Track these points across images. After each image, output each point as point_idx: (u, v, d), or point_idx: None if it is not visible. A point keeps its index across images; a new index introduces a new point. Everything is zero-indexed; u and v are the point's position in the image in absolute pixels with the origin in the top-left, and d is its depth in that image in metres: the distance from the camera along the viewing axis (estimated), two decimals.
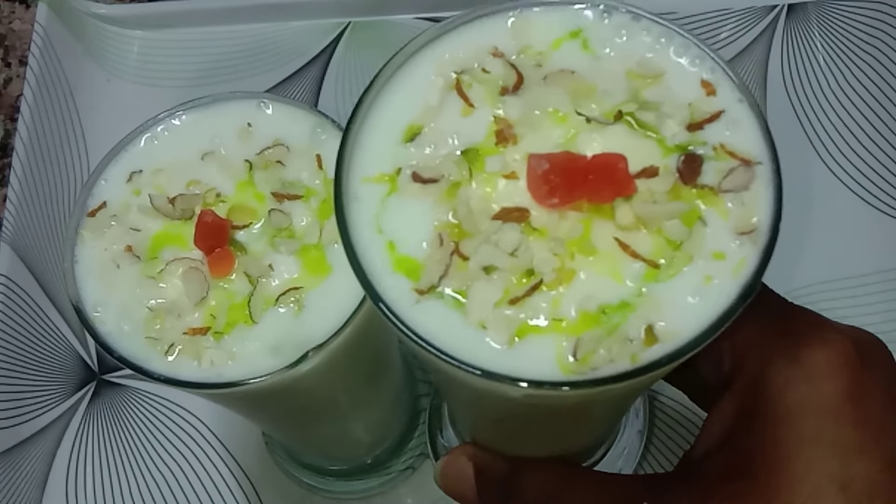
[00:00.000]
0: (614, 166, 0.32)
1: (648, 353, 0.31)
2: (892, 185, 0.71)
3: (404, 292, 0.33)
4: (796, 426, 0.35)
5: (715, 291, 0.32)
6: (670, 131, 0.34)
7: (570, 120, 0.35)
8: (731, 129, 0.34)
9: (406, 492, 0.64)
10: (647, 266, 0.32)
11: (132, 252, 0.44)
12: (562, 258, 0.32)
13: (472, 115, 0.36)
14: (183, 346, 0.41)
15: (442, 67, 0.36)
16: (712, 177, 0.34)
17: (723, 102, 0.35)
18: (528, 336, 0.32)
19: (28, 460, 0.67)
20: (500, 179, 0.34)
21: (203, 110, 0.47)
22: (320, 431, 0.57)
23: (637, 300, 0.32)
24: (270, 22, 0.83)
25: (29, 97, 0.75)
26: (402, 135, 0.35)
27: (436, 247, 0.33)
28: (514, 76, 0.36)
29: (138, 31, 0.84)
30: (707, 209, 0.33)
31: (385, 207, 0.34)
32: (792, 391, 0.35)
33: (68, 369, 0.70)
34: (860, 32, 0.77)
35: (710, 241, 0.33)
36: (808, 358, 0.35)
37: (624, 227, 0.33)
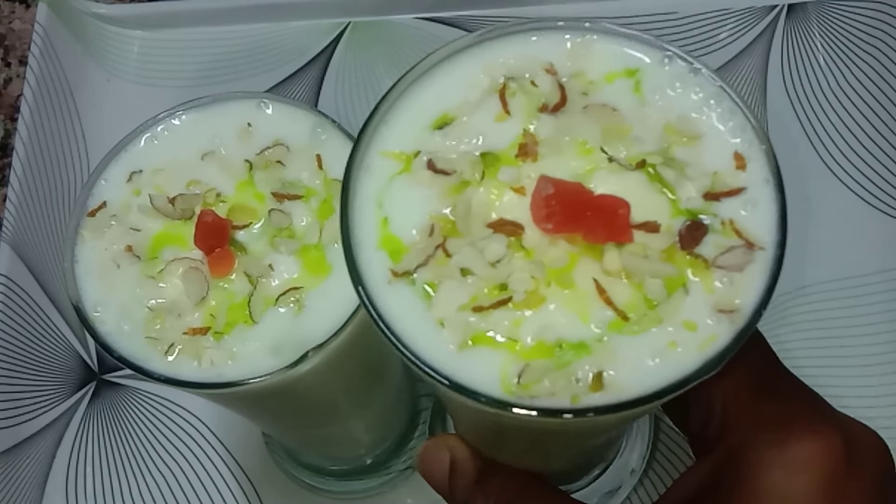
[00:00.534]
0: (614, 210, 0.33)
1: (589, 399, 0.31)
2: (892, 185, 0.71)
3: (381, 270, 0.33)
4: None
5: (676, 359, 0.31)
6: (686, 194, 0.34)
7: (593, 155, 0.35)
8: (747, 208, 0.34)
9: (406, 492, 0.64)
10: (617, 316, 0.32)
11: (132, 252, 0.44)
12: (537, 283, 0.33)
13: (506, 122, 0.36)
14: (183, 346, 0.41)
15: (492, 69, 0.37)
16: (710, 249, 0.33)
17: (749, 180, 0.34)
18: (481, 347, 0.32)
19: (28, 460, 0.67)
20: (507, 190, 0.35)
21: (203, 110, 0.47)
22: (320, 431, 0.57)
23: (596, 345, 0.32)
24: (270, 22, 0.83)
25: (29, 97, 0.75)
26: (432, 121, 0.36)
27: (425, 235, 0.34)
28: (559, 97, 0.36)
29: (138, 31, 0.84)
30: (694, 279, 0.33)
31: (391, 184, 0.35)
32: (766, 474, 0.34)
33: (68, 369, 0.70)
34: (860, 32, 0.77)
35: (687, 310, 0.32)
36: (792, 446, 0.34)
37: (607, 272, 0.33)
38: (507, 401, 0.31)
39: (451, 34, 0.80)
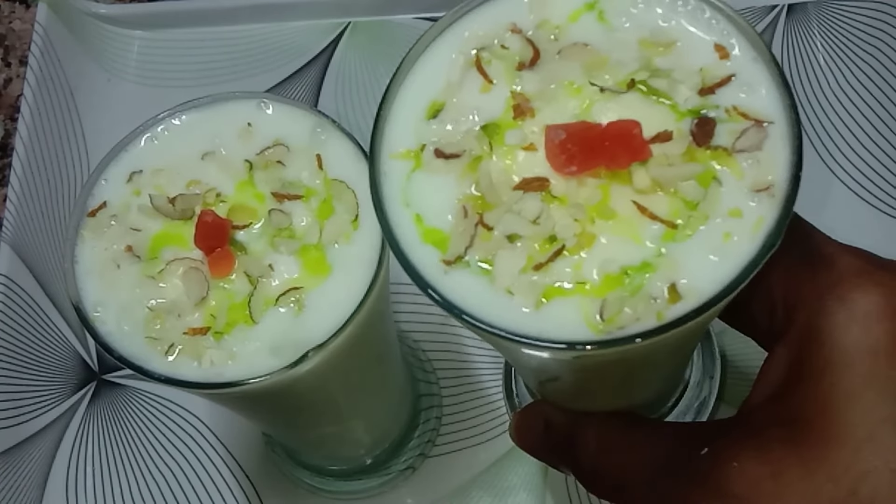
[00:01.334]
0: (629, 132, 0.34)
1: (673, 311, 0.32)
2: (892, 185, 0.71)
3: (434, 262, 0.34)
4: (849, 370, 0.34)
5: (734, 248, 0.33)
6: (682, 96, 0.35)
7: (584, 91, 0.36)
8: (744, 91, 0.35)
9: (406, 492, 0.64)
10: (666, 227, 0.34)
11: (132, 252, 0.44)
12: (582, 223, 0.34)
13: (491, 90, 0.37)
14: (183, 346, 0.41)
15: (463, 45, 0.38)
16: (725, 138, 0.34)
17: (736, 66, 0.36)
18: (555, 299, 0.33)
19: (28, 460, 0.67)
20: (519, 151, 0.36)
21: (203, 110, 0.47)
22: (320, 431, 0.57)
23: (658, 260, 0.33)
24: (270, 22, 0.83)
25: (29, 97, 0.75)
26: (425, 112, 0.37)
27: (460, 218, 0.35)
28: (531, 51, 0.37)
29: (138, 31, 0.84)
30: (722, 169, 0.34)
31: (410, 182, 0.36)
32: (843, 336, 0.35)
33: (68, 369, 0.70)
34: (860, 32, 0.77)
35: (727, 199, 0.34)
36: (859, 301, 0.35)
37: (641, 191, 0.34)
38: (603, 339, 0.32)
39: None
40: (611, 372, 0.40)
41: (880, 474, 0.33)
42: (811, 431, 0.35)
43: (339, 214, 0.44)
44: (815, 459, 0.34)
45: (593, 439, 0.42)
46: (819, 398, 0.35)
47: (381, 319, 0.48)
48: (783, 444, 0.35)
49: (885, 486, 0.33)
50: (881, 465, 0.33)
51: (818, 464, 0.34)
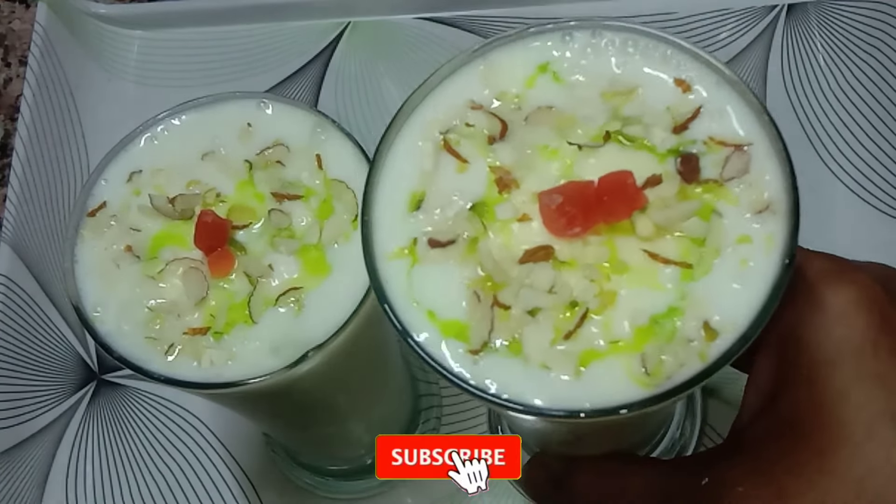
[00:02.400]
0: (623, 183, 0.33)
1: (715, 348, 0.32)
2: (892, 185, 0.71)
3: (460, 356, 0.33)
4: (835, 370, 0.34)
5: (754, 272, 0.33)
6: (658, 138, 0.35)
7: (562, 151, 0.36)
8: (715, 120, 0.36)
9: (406, 492, 0.64)
10: (681, 268, 0.33)
11: (132, 252, 0.44)
12: (598, 282, 0.33)
13: (468, 170, 0.36)
14: (183, 346, 0.41)
15: (426, 131, 0.37)
16: (712, 170, 0.35)
17: (700, 96, 0.36)
18: (593, 363, 0.33)
19: (28, 460, 0.67)
20: (514, 224, 0.35)
21: (203, 110, 0.47)
22: (320, 431, 0.57)
23: (683, 303, 0.33)
24: (270, 22, 0.83)
25: (29, 97, 0.75)
26: (406, 205, 0.36)
27: (475, 304, 0.34)
28: (498, 124, 0.37)
29: (138, 31, 0.84)
30: (717, 201, 0.34)
31: (412, 279, 0.35)
32: (824, 337, 0.34)
33: (68, 369, 0.70)
34: (860, 32, 0.77)
35: (731, 228, 0.34)
36: (835, 300, 0.34)
37: (647, 238, 0.34)
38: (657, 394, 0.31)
39: (451, 34, 0.80)
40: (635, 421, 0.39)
41: (883, 471, 0.33)
42: (807, 439, 0.34)
43: (338, 214, 0.44)
44: (817, 470, 0.33)
45: (588, 485, 0.41)
46: (809, 403, 0.34)
47: (381, 319, 0.48)
48: (781, 459, 0.35)
49: (891, 482, 0.33)
50: (883, 462, 0.33)
51: (820, 474, 0.33)
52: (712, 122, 0.36)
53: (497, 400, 0.32)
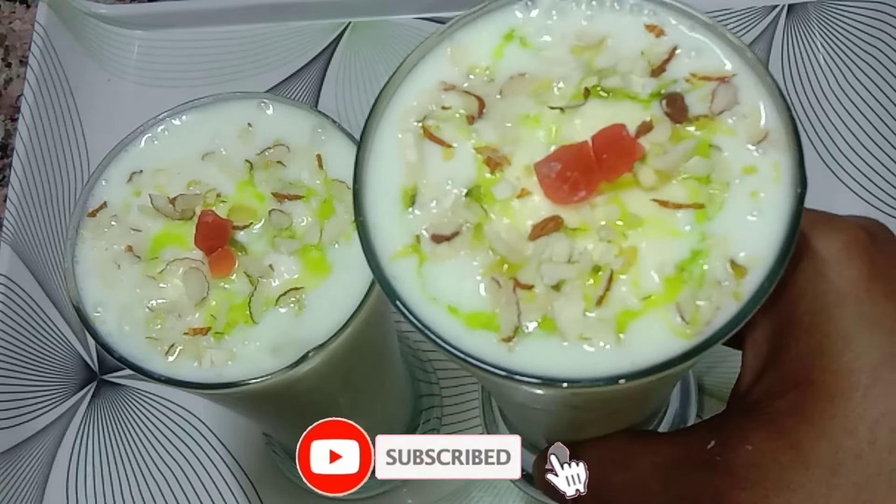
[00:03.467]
0: (619, 136, 0.32)
1: (746, 285, 0.31)
2: (892, 185, 0.71)
3: (493, 346, 0.32)
4: (835, 316, 0.34)
5: (768, 202, 0.32)
6: (638, 85, 0.34)
7: (544, 117, 0.35)
8: (692, 56, 0.35)
9: (406, 492, 0.64)
10: (694, 209, 0.33)
11: (132, 252, 0.44)
12: (616, 242, 0.32)
13: (455, 155, 0.35)
14: (183, 346, 0.41)
15: (403, 122, 0.36)
16: (700, 106, 0.34)
17: (674, 38, 0.35)
18: (630, 324, 0.32)
19: (28, 460, 0.67)
20: (514, 202, 0.34)
21: (203, 110, 0.47)
22: None
23: (704, 244, 0.32)
24: (270, 22, 0.83)
25: (29, 97, 0.75)
26: (400, 202, 0.35)
27: (496, 291, 0.32)
28: (474, 101, 0.36)
29: (138, 31, 0.84)
30: (713, 135, 0.33)
31: (424, 277, 0.33)
32: (820, 285, 0.34)
33: (68, 369, 0.70)
34: (860, 32, 0.77)
35: (734, 161, 0.33)
36: (826, 249, 0.34)
37: (652, 187, 0.33)
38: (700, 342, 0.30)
39: None
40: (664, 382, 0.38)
41: (894, 415, 0.32)
42: (814, 390, 0.34)
43: (339, 214, 0.44)
44: (827, 418, 0.33)
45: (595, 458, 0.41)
46: (812, 354, 0.34)
47: (382, 319, 0.48)
48: (790, 413, 0.34)
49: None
50: (892, 406, 0.32)
51: (831, 422, 0.33)
52: (690, 59, 0.35)
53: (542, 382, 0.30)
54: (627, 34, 0.36)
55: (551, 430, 0.45)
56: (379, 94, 0.36)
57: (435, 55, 0.37)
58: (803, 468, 0.33)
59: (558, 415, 0.43)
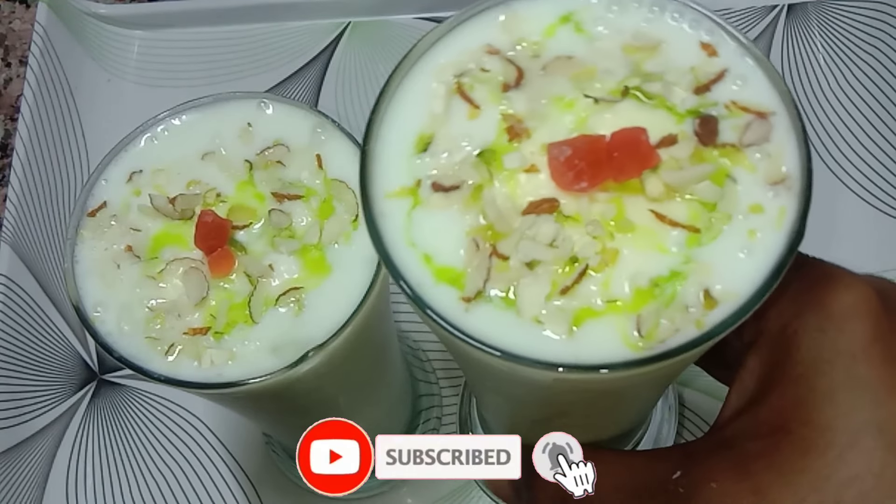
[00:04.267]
0: (637, 139, 0.32)
1: (712, 317, 0.31)
2: (892, 185, 0.71)
3: (452, 302, 0.32)
4: (826, 372, 0.33)
5: (761, 244, 0.32)
6: (678, 98, 0.34)
7: (577, 104, 0.35)
8: (739, 84, 0.35)
9: (406, 492, 0.64)
10: (688, 232, 0.32)
11: (132, 252, 0.44)
12: (602, 240, 0.32)
13: (480, 116, 0.35)
14: (183, 346, 0.41)
15: (440, 74, 0.36)
16: (731, 134, 0.34)
17: (726, 61, 0.35)
18: (586, 322, 0.32)
19: (28, 460, 0.67)
20: (521, 175, 0.34)
21: (203, 110, 0.47)
22: None
23: (686, 267, 0.32)
24: (270, 22, 0.83)
25: (29, 97, 0.75)
26: (414, 146, 0.35)
27: (472, 252, 0.33)
28: (514, 71, 0.36)
29: (138, 31, 0.84)
30: (734, 166, 0.33)
31: (412, 221, 0.34)
32: (818, 338, 0.34)
33: (68, 369, 0.70)
34: (860, 32, 0.77)
35: (745, 196, 0.33)
36: (832, 304, 0.34)
37: (656, 199, 0.33)
38: (651, 355, 0.30)
39: None
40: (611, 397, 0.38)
41: (864, 481, 0.32)
42: (789, 440, 0.33)
43: (339, 214, 0.44)
44: (796, 471, 0.33)
45: None
46: (795, 404, 0.34)
47: (381, 319, 0.48)
48: (761, 457, 0.34)
49: (871, 493, 0.32)
50: (864, 471, 0.32)
51: (800, 475, 0.33)
52: (735, 86, 0.35)
53: (485, 347, 0.31)
54: (682, 46, 0.36)
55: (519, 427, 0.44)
56: (420, 40, 0.36)
57: (487, 18, 0.37)
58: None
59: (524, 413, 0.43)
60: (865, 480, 0.32)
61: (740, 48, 0.35)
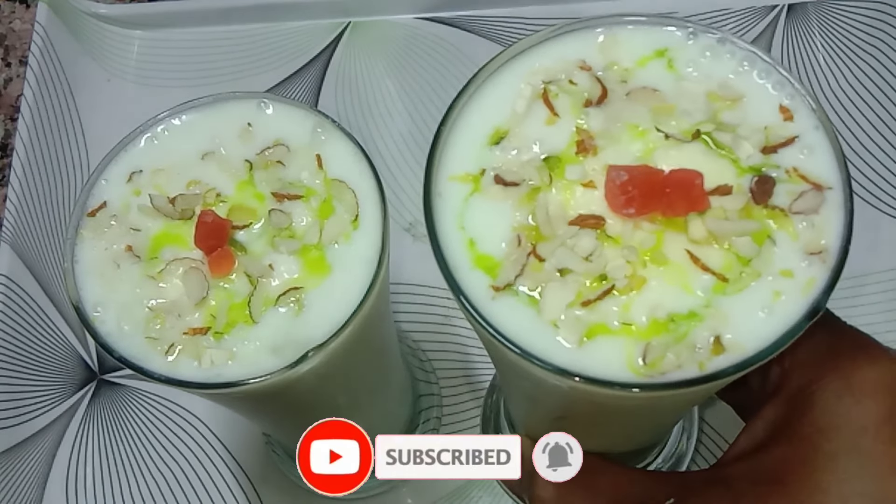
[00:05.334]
0: (691, 182, 0.34)
1: (715, 362, 0.32)
2: (892, 185, 0.71)
3: (482, 288, 0.35)
4: (834, 438, 0.34)
5: (782, 307, 0.33)
6: (745, 153, 0.36)
7: (649, 135, 0.37)
8: (805, 153, 0.36)
9: (406, 492, 0.64)
10: (717, 279, 0.34)
11: (132, 252, 0.44)
12: (634, 266, 0.34)
13: (556, 124, 0.38)
14: (183, 346, 0.41)
15: (531, 76, 0.38)
16: (784, 199, 0.35)
17: (799, 128, 0.36)
18: (598, 337, 0.33)
19: (28, 460, 0.67)
20: (578, 187, 0.36)
21: (203, 110, 0.47)
22: None
23: (705, 311, 0.33)
24: (270, 22, 0.83)
25: (29, 97, 0.75)
26: (488, 138, 0.37)
27: (514, 247, 0.35)
28: (600, 90, 0.38)
29: (138, 31, 0.84)
30: (777, 229, 0.35)
31: (468, 206, 0.36)
32: (835, 404, 0.35)
33: (68, 369, 0.70)
34: (860, 32, 0.77)
35: (779, 259, 0.34)
36: (855, 375, 0.35)
37: (696, 241, 0.34)
38: (647, 383, 0.32)
39: (451, 34, 0.80)
40: (623, 414, 0.40)
41: None
42: (785, 493, 0.35)
43: (339, 214, 0.44)
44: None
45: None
46: (798, 461, 0.35)
47: (381, 319, 0.48)
48: (754, 502, 0.35)
49: None
50: None
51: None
52: (802, 154, 0.36)
53: (498, 336, 0.33)
54: (762, 105, 0.37)
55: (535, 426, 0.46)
56: (519, 41, 0.39)
57: (587, 35, 0.39)
58: None
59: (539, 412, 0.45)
60: None
61: (815, 119, 0.36)
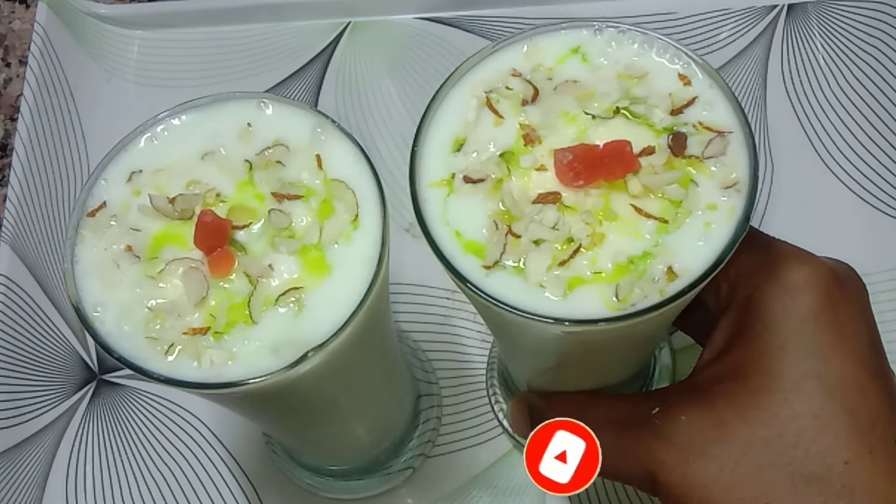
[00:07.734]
0: (622, 150, 0.42)
1: (672, 287, 0.40)
2: (892, 185, 0.71)
3: (476, 269, 0.42)
4: (779, 332, 0.42)
5: (714, 233, 0.41)
6: (658, 118, 0.44)
7: (579, 119, 0.44)
8: (706, 109, 0.44)
9: (406, 492, 0.65)
10: (659, 223, 0.41)
11: (132, 252, 0.44)
12: (592, 226, 0.41)
13: (503, 124, 0.45)
14: (183, 346, 0.41)
15: (474, 89, 0.46)
16: (696, 148, 0.43)
17: (697, 90, 0.45)
18: (577, 288, 0.41)
19: (28, 460, 0.67)
20: (532, 172, 0.43)
21: (203, 110, 0.47)
22: (320, 431, 0.57)
23: (655, 249, 0.41)
24: (270, 22, 0.83)
25: (29, 97, 0.75)
26: (451, 146, 0.45)
27: (493, 231, 0.42)
28: (532, 90, 0.45)
29: (138, 31, 0.84)
30: (696, 174, 0.42)
31: (447, 205, 0.43)
32: (775, 304, 0.42)
33: (68, 369, 0.70)
34: (860, 32, 0.77)
35: (704, 197, 0.42)
36: (788, 276, 0.42)
37: (636, 196, 0.42)
38: (623, 314, 0.39)
39: (451, 34, 0.80)
40: (610, 347, 0.47)
41: (804, 419, 0.40)
42: (747, 385, 0.42)
43: (339, 214, 0.44)
44: (751, 408, 0.41)
45: (564, 408, 0.47)
46: (754, 357, 0.42)
47: (381, 319, 0.48)
48: (723, 397, 0.42)
49: (809, 429, 0.40)
50: (805, 411, 0.40)
51: (753, 412, 0.41)
52: (703, 111, 0.44)
53: (499, 304, 0.40)
54: (663, 76, 0.45)
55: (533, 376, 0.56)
56: (462, 64, 0.46)
57: (514, 48, 0.47)
58: (721, 443, 0.41)
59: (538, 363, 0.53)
60: (805, 418, 0.40)
61: (709, 79, 0.45)
